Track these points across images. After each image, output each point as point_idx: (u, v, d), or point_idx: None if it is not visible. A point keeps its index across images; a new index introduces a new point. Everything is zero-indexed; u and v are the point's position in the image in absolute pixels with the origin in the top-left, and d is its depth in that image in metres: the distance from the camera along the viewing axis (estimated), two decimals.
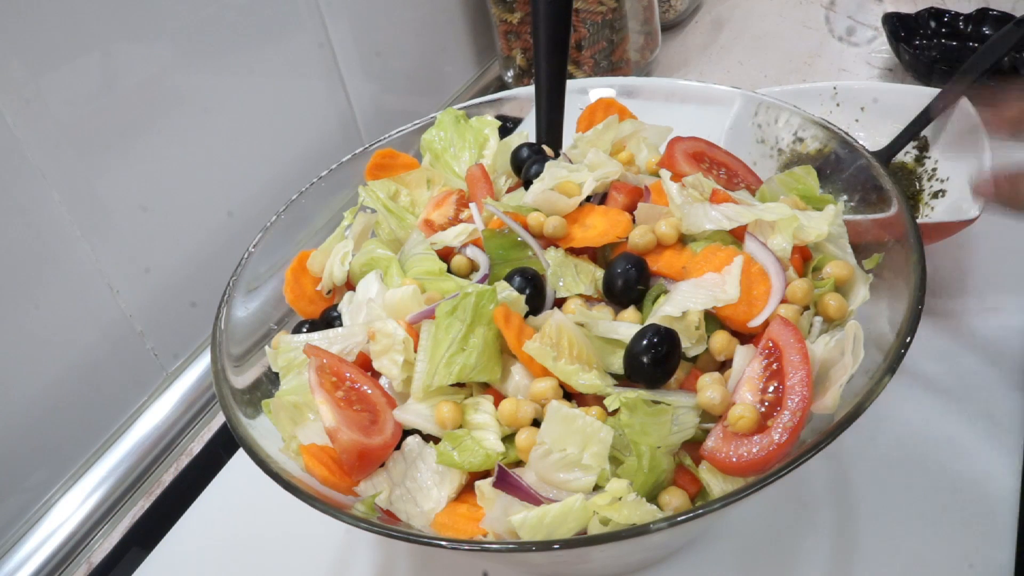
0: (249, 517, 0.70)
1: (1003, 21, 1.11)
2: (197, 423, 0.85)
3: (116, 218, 0.78)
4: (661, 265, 0.56)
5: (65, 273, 0.74)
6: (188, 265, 0.86)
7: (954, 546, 0.56)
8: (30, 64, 0.69)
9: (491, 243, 0.59)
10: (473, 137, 0.71)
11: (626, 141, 0.70)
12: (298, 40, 0.96)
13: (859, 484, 0.61)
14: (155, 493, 0.79)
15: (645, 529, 0.42)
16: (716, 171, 0.64)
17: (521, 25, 1.19)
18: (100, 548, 0.75)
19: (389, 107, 1.11)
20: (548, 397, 0.50)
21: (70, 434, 0.77)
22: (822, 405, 0.46)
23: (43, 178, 0.71)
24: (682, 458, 0.49)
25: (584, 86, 0.77)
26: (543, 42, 0.66)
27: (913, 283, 0.49)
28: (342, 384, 0.53)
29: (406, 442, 0.52)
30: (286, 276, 0.66)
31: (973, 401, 0.65)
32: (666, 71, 1.26)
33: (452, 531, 0.48)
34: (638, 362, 0.49)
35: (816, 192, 0.60)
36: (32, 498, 0.75)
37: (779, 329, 0.49)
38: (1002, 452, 0.61)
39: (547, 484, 0.47)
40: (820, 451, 0.42)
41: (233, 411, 0.53)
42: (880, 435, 0.63)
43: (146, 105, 0.79)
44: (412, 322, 0.54)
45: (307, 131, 0.99)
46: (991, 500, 0.58)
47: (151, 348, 0.83)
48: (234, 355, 0.59)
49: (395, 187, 0.70)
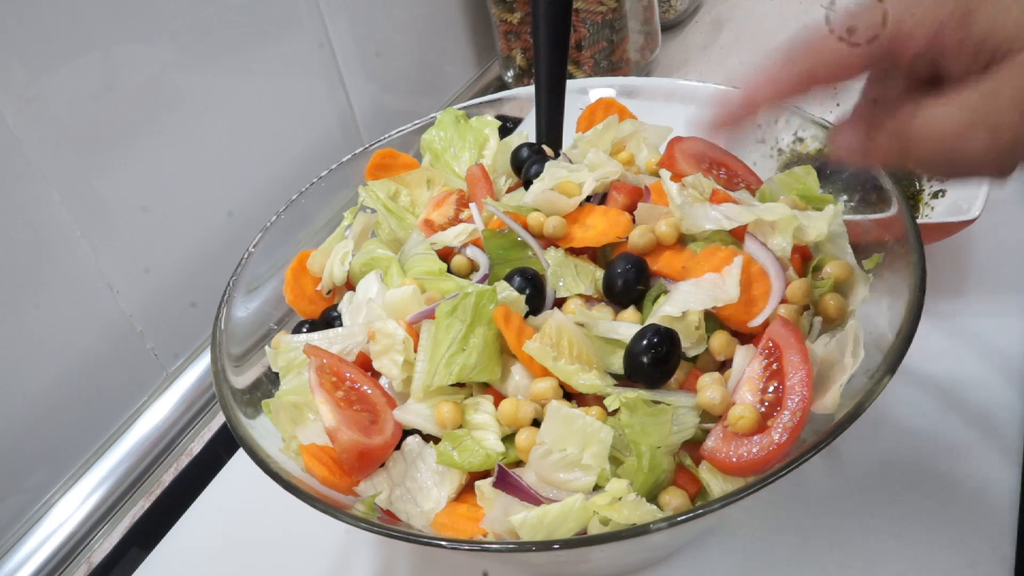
0: (249, 517, 0.70)
1: None
2: (197, 423, 0.85)
3: (116, 218, 0.78)
4: (661, 265, 0.56)
5: (65, 273, 0.74)
6: (188, 265, 0.86)
7: (954, 546, 0.56)
8: (30, 64, 0.69)
9: (491, 243, 0.59)
10: (473, 137, 0.71)
11: (626, 141, 0.70)
12: (298, 40, 0.96)
13: (859, 484, 0.61)
14: (155, 493, 0.79)
15: (645, 529, 0.42)
16: (716, 171, 0.64)
17: (521, 25, 1.19)
18: (100, 548, 0.75)
19: (389, 107, 1.11)
20: (548, 397, 0.50)
21: (70, 434, 0.77)
22: (822, 405, 0.46)
23: (43, 178, 0.71)
24: (682, 458, 0.49)
25: (584, 86, 0.77)
26: (543, 42, 0.66)
27: (913, 283, 0.49)
28: (342, 384, 0.53)
29: (406, 442, 0.52)
30: (286, 276, 0.66)
31: (973, 401, 0.65)
32: (666, 71, 1.26)
33: (452, 531, 0.48)
34: (638, 362, 0.49)
35: (816, 192, 0.60)
36: (32, 498, 0.75)
37: (779, 329, 0.49)
38: (1002, 452, 0.61)
39: (547, 484, 0.47)
40: (820, 451, 0.42)
41: (233, 411, 0.53)
42: (880, 435, 0.63)
43: (146, 105, 0.79)
44: (412, 322, 0.54)
45: (307, 131, 0.99)
46: (991, 500, 0.58)
47: (151, 348, 0.83)
48: (234, 355, 0.59)
49: (395, 187, 0.70)
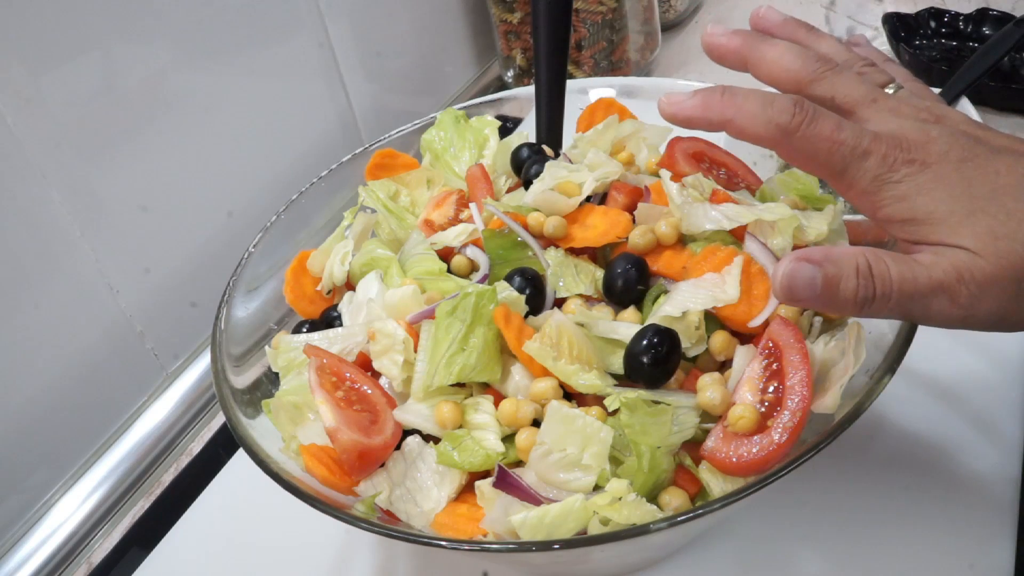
0: (249, 517, 0.70)
1: (1003, 21, 1.11)
2: (197, 423, 0.85)
3: (116, 218, 0.78)
4: (661, 265, 0.56)
5: (65, 273, 0.74)
6: (188, 265, 0.86)
7: (954, 546, 0.56)
8: (30, 64, 0.69)
9: (491, 243, 0.59)
10: (473, 137, 0.71)
11: (626, 141, 0.70)
12: (298, 40, 0.96)
13: (859, 484, 0.61)
14: (155, 493, 0.79)
15: (645, 529, 0.42)
16: (716, 171, 0.64)
17: (521, 25, 1.19)
18: (100, 548, 0.75)
19: (389, 107, 1.11)
20: (548, 397, 0.50)
21: (70, 434, 0.77)
22: (822, 405, 0.46)
23: (43, 178, 0.71)
24: (682, 458, 0.49)
25: (584, 86, 0.77)
26: (543, 42, 0.66)
27: None
28: (342, 384, 0.53)
29: (406, 442, 0.52)
30: (286, 276, 0.66)
31: (973, 401, 0.65)
32: (666, 71, 1.26)
33: (452, 531, 0.48)
34: (638, 362, 0.49)
35: (816, 192, 0.60)
36: (32, 498, 0.75)
37: (779, 329, 0.49)
38: (1002, 452, 0.61)
39: (547, 484, 0.47)
40: (820, 451, 0.42)
41: (233, 411, 0.53)
42: (880, 435, 0.63)
43: (146, 105, 0.79)
44: (412, 322, 0.54)
45: (307, 131, 0.99)
46: (991, 500, 0.58)
47: (151, 348, 0.83)
48: (234, 355, 0.59)
49: (395, 187, 0.70)
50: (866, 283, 0.42)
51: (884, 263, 0.42)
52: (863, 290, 0.42)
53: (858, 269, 0.42)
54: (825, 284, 0.42)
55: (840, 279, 0.42)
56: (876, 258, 0.42)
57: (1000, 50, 0.95)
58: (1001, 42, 0.96)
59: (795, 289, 0.42)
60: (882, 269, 0.42)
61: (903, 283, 0.41)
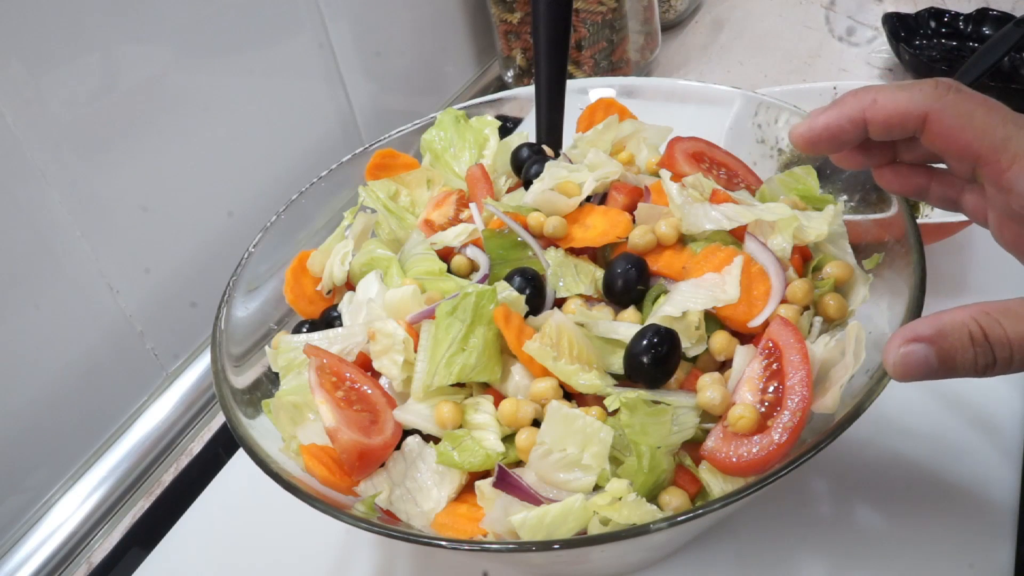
0: (249, 517, 0.70)
1: (1003, 21, 1.11)
2: (197, 423, 0.85)
3: (116, 218, 0.78)
4: (661, 265, 0.56)
5: (65, 273, 0.74)
6: (188, 265, 0.86)
7: (954, 546, 0.56)
8: (30, 64, 0.69)
9: (491, 243, 0.59)
10: (473, 137, 0.71)
11: (626, 141, 0.70)
12: (298, 40, 0.96)
13: (859, 484, 0.61)
14: (155, 493, 0.79)
15: (645, 529, 0.42)
16: (716, 171, 0.64)
17: (521, 25, 1.19)
18: (100, 548, 0.75)
19: (389, 107, 1.11)
20: (548, 397, 0.50)
21: (70, 434, 0.77)
22: (822, 405, 0.46)
23: (43, 178, 0.71)
24: (682, 458, 0.49)
25: (584, 86, 0.77)
26: (543, 42, 0.66)
27: (913, 283, 0.49)
28: (342, 384, 0.53)
29: (406, 442, 0.52)
30: (286, 276, 0.66)
31: (973, 401, 0.65)
32: (666, 71, 1.26)
33: (452, 531, 0.48)
34: (638, 362, 0.49)
35: (816, 192, 0.60)
36: (32, 498, 0.75)
37: (779, 329, 0.49)
38: (1002, 452, 0.61)
39: (547, 484, 0.47)
40: (820, 451, 0.42)
41: (233, 411, 0.53)
42: (880, 435, 0.63)
43: (146, 105, 0.79)
44: (412, 322, 0.54)
45: (307, 131, 0.99)
46: (991, 500, 0.58)
47: (151, 348, 0.83)
48: (234, 355, 0.59)
49: (395, 187, 0.70)
50: (984, 351, 0.40)
51: (999, 325, 0.40)
52: (982, 359, 0.40)
53: (972, 337, 0.40)
54: (941, 362, 0.40)
55: (956, 352, 0.40)
56: (989, 321, 0.40)
57: (1000, 50, 0.95)
58: (1001, 42, 0.96)
59: (911, 372, 0.41)
60: (998, 333, 0.40)
61: (1022, 341, 0.40)
